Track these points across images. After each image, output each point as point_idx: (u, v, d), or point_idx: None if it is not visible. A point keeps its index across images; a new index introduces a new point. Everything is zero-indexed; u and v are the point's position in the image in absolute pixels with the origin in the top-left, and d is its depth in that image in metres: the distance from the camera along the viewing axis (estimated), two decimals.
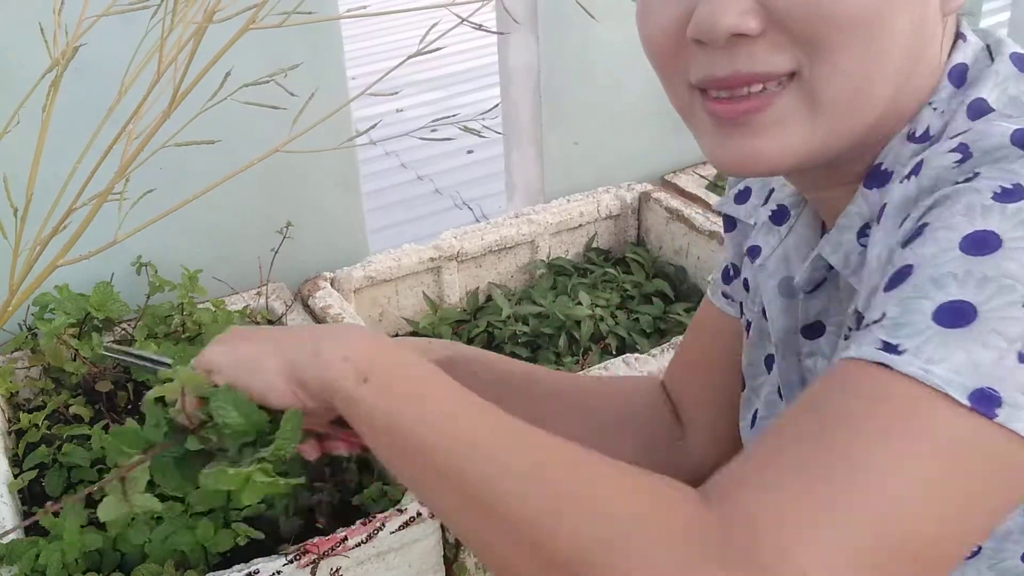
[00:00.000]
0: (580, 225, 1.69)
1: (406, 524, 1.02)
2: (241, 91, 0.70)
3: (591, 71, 1.72)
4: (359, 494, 1.05)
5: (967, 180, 0.54)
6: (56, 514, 0.97)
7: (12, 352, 1.26)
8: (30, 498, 1.08)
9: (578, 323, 1.50)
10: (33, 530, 0.99)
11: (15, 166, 0.85)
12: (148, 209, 0.84)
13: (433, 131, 0.80)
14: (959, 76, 0.63)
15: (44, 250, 0.74)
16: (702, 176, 1.83)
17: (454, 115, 0.77)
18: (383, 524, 1.01)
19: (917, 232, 0.54)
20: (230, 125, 0.98)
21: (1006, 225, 0.51)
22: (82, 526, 0.98)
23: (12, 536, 0.96)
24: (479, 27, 0.64)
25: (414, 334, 1.54)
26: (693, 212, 1.64)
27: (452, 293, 1.58)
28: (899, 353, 0.50)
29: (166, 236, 1.35)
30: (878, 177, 0.62)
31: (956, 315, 0.50)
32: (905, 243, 0.54)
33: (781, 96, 0.58)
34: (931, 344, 0.50)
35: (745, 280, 0.77)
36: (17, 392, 1.23)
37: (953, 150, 0.56)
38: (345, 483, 1.09)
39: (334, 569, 0.99)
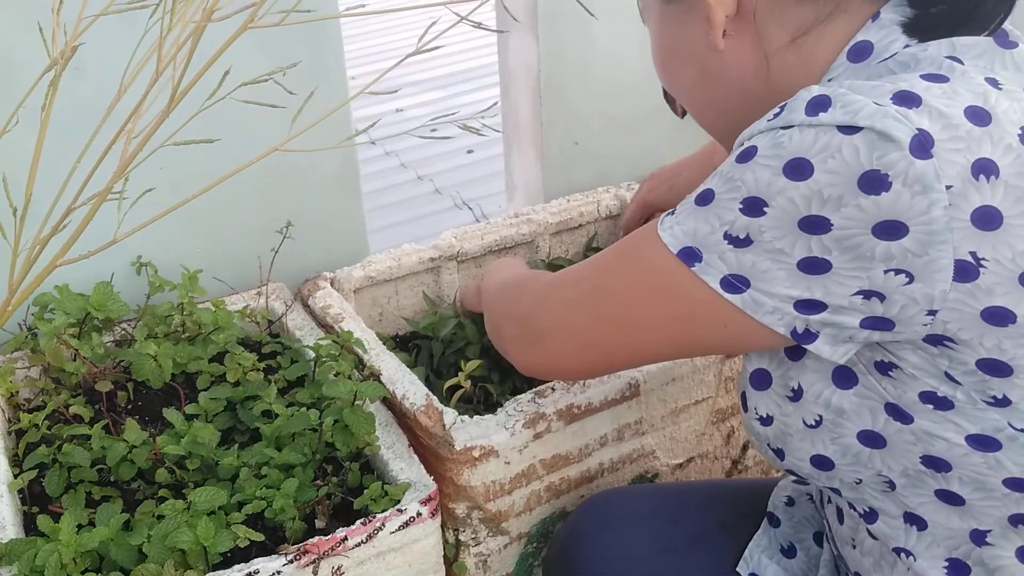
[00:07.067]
0: (580, 225, 1.68)
1: (406, 524, 1.02)
2: (240, 90, 0.70)
3: (591, 71, 1.72)
4: (360, 495, 1.05)
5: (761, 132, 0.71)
6: (56, 517, 0.97)
7: (12, 352, 1.26)
8: (30, 498, 1.07)
9: None
10: (34, 530, 0.99)
11: (14, 166, 0.85)
12: (148, 209, 0.84)
13: (433, 130, 0.80)
14: (857, 52, 0.76)
15: (43, 250, 0.74)
16: None
17: (453, 113, 0.77)
18: (383, 524, 1.01)
19: None
20: (230, 125, 0.98)
21: (766, 150, 0.67)
22: (80, 526, 0.98)
23: (12, 535, 0.96)
24: (478, 25, 0.64)
25: (414, 334, 1.54)
26: None
27: (452, 293, 1.58)
28: (674, 215, 0.76)
29: (166, 236, 1.35)
30: None
31: (705, 198, 0.72)
32: None
33: None
34: (684, 212, 0.74)
35: None
36: (17, 392, 1.23)
37: (777, 111, 0.71)
38: (346, 483, 1.09)
39: (334, 569, 0.99)
